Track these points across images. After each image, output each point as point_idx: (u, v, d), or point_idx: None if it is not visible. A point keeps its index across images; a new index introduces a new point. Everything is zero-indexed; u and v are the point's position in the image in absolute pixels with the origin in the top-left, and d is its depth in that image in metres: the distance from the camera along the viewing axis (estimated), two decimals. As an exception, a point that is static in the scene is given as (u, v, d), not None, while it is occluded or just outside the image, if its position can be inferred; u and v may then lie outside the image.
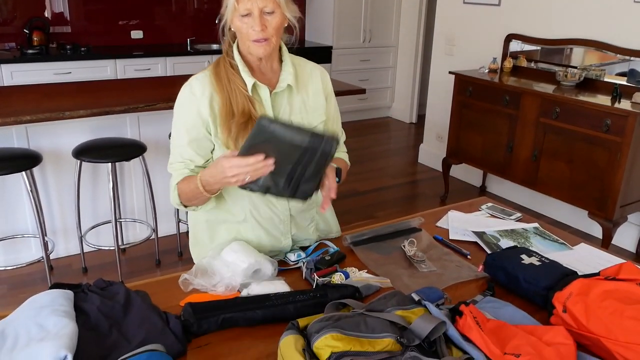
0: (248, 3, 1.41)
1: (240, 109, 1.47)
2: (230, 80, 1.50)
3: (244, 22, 1.44)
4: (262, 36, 1.43)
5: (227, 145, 1.49)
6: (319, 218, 1.74)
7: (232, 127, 1.47)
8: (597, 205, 3.29)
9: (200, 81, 1.52)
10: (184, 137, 1.53)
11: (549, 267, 1.42)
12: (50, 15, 5.04)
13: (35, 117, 2.70)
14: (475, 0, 4.49)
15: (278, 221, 1.63)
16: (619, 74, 3.63)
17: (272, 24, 1.44)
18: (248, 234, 1.62)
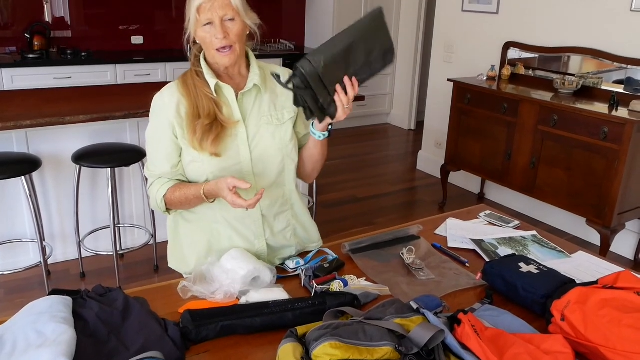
0: (208, 13, 1.46)
1: (206, 112, 1.53)
2: (196, 86, 1.55)
3: (206, 32, 1.49)
4: (226, 43, 1.48)
5: (193, 145, 1.54)
6: (297, 223, 1.73)
7: (197, 128, 1.52)
8: (595, 212, 3.30)
9: (169, 89, 1.60)
10: (155, 142, 1.61)
11: (547, 275, 1.43)
12: (51, 19, 5.05)
13: (35, 122, 2.70)
14: (474, 8, 4.52)
15: (250, 221, 1.63)
16: (616, 82, 3.65)
17: (233, 31, 1.49)
18: (220, 234, 1.65)
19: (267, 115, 1.61)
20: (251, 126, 1.59)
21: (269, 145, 1.60)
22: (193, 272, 1.44)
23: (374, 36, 1.42)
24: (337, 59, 1.37)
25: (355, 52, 1.39)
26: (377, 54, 1.44)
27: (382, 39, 1.44)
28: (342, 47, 1.37)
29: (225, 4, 1.47)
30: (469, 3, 4.55)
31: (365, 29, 1.41)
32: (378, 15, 1.42)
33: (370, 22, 1.41)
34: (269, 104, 1.62)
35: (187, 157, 1.58)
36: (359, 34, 1.39)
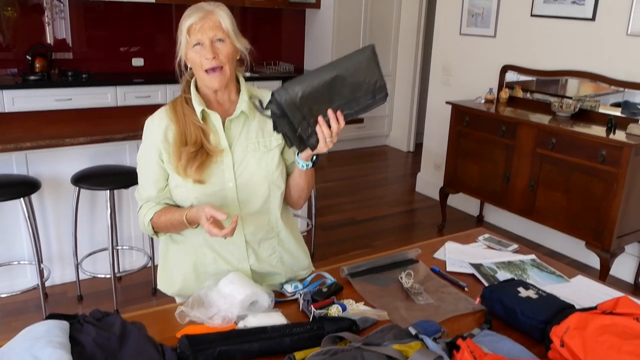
0: (198, 34, 1.49)
1: (193, 139, 1.55)
2: (185, 114, 1.57)
3: (196, 53, 1.51)
4: (215, 64, 1.50)
5: (177, 171, 1.56)
6: (283, 251, 1.72)
7: (182, 155, 1.54)
8: (594, 235, 3.30)
9: (159, 113, 1.62)
10: (144, 166, 1.64)
11: (546, 300, 1.43)
12: (52, 41, 5.10)
13: (35, 143, 2.71)
14: (471, 32, 4.57)
15: (233, 247, 1.64)
16: (614, 105, 3.68)
17: (223, 52, 1.51)
18: (206, 257, 1.65)
19: (254, 142, 1.61)
20: (237, 153, 1.59)
21: (254, 172, 1.60)
22: (191, 297, 1.43)
23: (362, 72, 1.40)
24: (318, 91, 1.36)
25: (339, 86, 1.38)
26: (366, 90, 1.41)
27: (372, 76, 1.41)
28: (324, 79, 1.36)
29: (216, 25, 1.50)
30: (467, 27, 4.60)
31: (353, 64, 1.39)
32: (369, 52, 1.40)
33: (360, 57, 1.39)
34: (257, 130, 1.62)
35: (172, 182, 1.61)
36: (346, 69, 1.38)
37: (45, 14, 5.03)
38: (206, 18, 1.49)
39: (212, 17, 1.50)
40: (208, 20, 1.49)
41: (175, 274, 1.72)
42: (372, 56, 1.40)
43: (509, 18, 4.26)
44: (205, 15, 1.50)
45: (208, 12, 1.51)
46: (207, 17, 1.50)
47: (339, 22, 6.13)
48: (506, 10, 4.28)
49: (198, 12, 1.51)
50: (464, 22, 4.62)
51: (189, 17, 1.51)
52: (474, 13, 4.51)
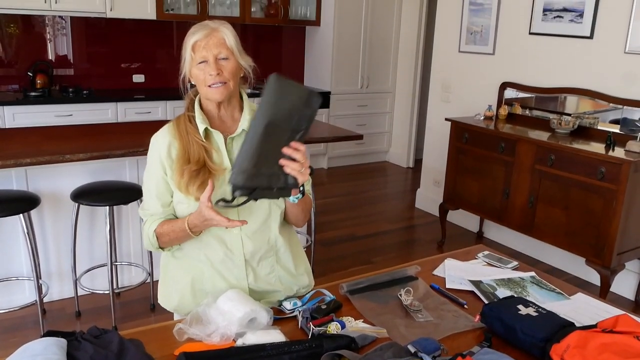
0: (203, 51, 1.51)
1: (196, 157, 1.56)
2: (188, 132, 1.58)
3: (200, 69, 1.53)
4: (219, 80, 1.52)
5: (180, 188, 1.57)
6: (280, 269, 1.71)
7: (185, 173, 1.55)
8: (594, 252, 3.29)
9: (163, 131, 1.64)
10: (150, 182, 1.64)
11: (546, 318, 1.42)
12: (54, 57, 5.14)
13: (35, 159, 2.72)
14: (470, 49, 4.60)
15: (232, 265, 1.63)
16: (612, 122, 3.69)
17: (227, 69, 1.53)
18: (203, 274, 1.65)
19: None
20: None
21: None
22: (189, 314, 1.43)
23: (284, 100, 1.38)
24: (262, 148, 1.36)
25: (277, 128, 1.37)
26: (300, 109, 1.39)
27: (294, 95, 1.39)
28: (259, 136, 1.35)
29: (220, 42, 1.52)
30: (466, 44, 4.64)
31: (271, 100, 1.37)
32: (273, 81, 1.37)
33: (271, 91, 1.38)
34: None
35: (175, 198, 1.62)
36: (269, 111, 1.36)
37: (47, 31, 5.07)
38: (211, 35, 1.52)
39: (217, 34, 1.52)
40: (213, 37, 1.51)
41: (172, 290, 1.72)
42: (278, 81, 1.38)
43: (507, 36, 4.30)
44: (210, 33, 1.52)
45: (213, 30, 1.53)
46: (212, 34, 1.52)
47: (338, 39, 6.18)
48: (505, 28, 4.31)
49: (203, 30, 1.53)
50: (463, 39, 4.65)
51: (193, 34, 1.53)
52: (473, 31, 4.55)
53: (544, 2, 3.98)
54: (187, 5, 5.44)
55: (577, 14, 3.77)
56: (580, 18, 3.75)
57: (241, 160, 1.37)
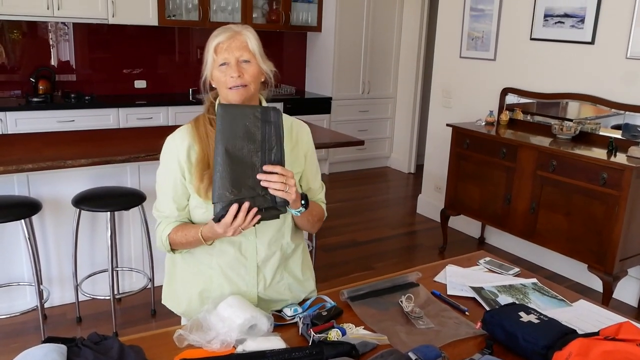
0: (225, 53, 1.51)
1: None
2: (208, 135, 1.57)
3: (222, 72, 1.53)
4: (240, 82, 1.51)
5: (199, 192, 1.56)
6: (290, 277, 1.72)
7: (205, 178, 1.54)
8: (596, 258, 3.28)
9: (181, 132, 1.62)
10: (166, 183, 1.62)
11: (548, 325, 1.41)
12: (56, 63, 5.15)
13: (37, 165, 2.72)
14: (471, 55, 4.61)
15: (244, 271, 1.63)
16: (614, 127, 3.69)
17: (248, 72, 1.52)
18: (212, 281, 1.64)
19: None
20: None
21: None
22: (189, 321, 1.42)
23: (236, 122, 1.39)
24: (232, 173, 1.37)
25: (239, 149, 1.38)
26: (257, 125, 1.41)
27: (246, 114, 1.41)
28: (221, 162, 1.37)
29: (243, 45, 1.52)
30: (467, 50, 4.64)
31: (224, 128, 1.39)
32: (221, 110, 1.40)
33: (221, 120, 1.39)
34: None
35: (192, 202, 1.61)
36: (224, 137, 1.38)
37: (50, 37, 5.09)
38: (233, 38, 1.52)
39: (240, 37, 1.52)
40: (235, 40, 1.51)
41: (181, 295, 1.72)
42: (224, 108, 1.41)
43: (508, 41, 4.30)
44: (233, 36, 1.52)
45: (236, 33, 1.53)
46: (235, 37, 1.52)
47: (340, 45, 6.19)
48: (506, 33, 4.32)
49: (226, 32, 1.53)
50: (464, 45, 4.66)
51: (216, 36, 1.54)
52: (474, 36, 4.56)
53: (545, 7, 3.98)
54: (188, 11, 5.45)
55: (578, 20, 3.78)
56: (582, 24, 3.76)
57: (217, 189, 1.37)
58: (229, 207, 1.37)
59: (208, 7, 5.45)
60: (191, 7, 5.45)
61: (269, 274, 1.66)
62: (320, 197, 1.77)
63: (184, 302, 1.71)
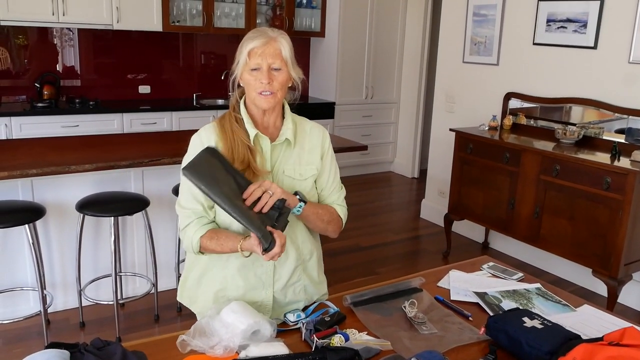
0: (259, 58, 1.54)
1: (241, 157, 1.58)
2: (234, 132, 1.60)
3: (252, 76, 1.56)
4: (269, 89, 1.55)
5: None
6: (306, 278, 1.74)
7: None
8: (600, 263, 3.27)
9: (207, 130, 1.65)
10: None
11: (552, 330, 1.41)
12: (61, 69, 5.18)
13: (41, 170, 2.73)
14: (474, 59, 4.61)
15: (261, 270, 1.65)
16: (617, 131, 3.68)
17: (278, 79, 1.56)
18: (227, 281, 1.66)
19: (290, 169, 1.65)
20: (275, 177, 1.64)
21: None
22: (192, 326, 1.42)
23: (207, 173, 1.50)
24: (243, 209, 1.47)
25: (222, 191, 1.47)
26: (213, 164, 1.51)
27: (202, 164, 1.51)
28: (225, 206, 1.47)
29: (276, 52, 1.55)
30: (470, 55, 4.64)
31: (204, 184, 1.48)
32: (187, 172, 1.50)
33: (196, 179, 1.48)
34: (295, 158, 1.67)
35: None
36: (208, 189, 1.48)
37: (55, 43, 5.12)
38: (268, 44, 1.54)
39: (274, 44, 1.55)
40: (270, 47, 1.54)
41: (198, 293, 1.73)
42: (188, 169, 1.51)
43: (511, 46, 4.31)
44: (268, 42, 1.54)
45: (271, 39, 1.55)
46: (270, 43, 1.54)
47: (343, 50, 6.21)
48: (508, 38, 4.32)
49: (261, 38, 1.55)
50: (467, 50, 4.66)
51: (251, 40, 1.55)
52: (477, 41, 4.56)
53: (548, 12, 3.98)
54: (193, 17, 5.48)
55: (581, 25, 3.78)
56: (584, 28, 3.76)
57: (248, 225, 1.46)
58: (269, 237, 1.44)
59: (212, 13, 5.47)
60: (195, 13, 5.47)
61: (286, 274, 1.68)
62: (334, 199, 1.78)
63: (200, 301, 1.72)
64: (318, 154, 1.71)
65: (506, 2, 4.31)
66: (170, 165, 3.04)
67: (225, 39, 5.92)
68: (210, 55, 5.92)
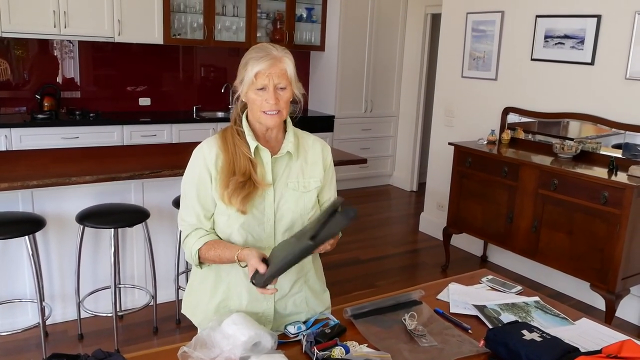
0: (265, 79, 1.56)
1: (242, 170, 1.59)
2: (235, 145, 1.62)
3: (258, 95, 1.58)
4: (276, 108, 1.58)
5: (222, 199, 1.60)
6: (308, 290, 1.75)
7: (231, 184, 1.58)
8: (598, 277, 3.28)
9: (209, 143, 1.67)
10: (193, 192, 1.65)
11: (551, 343, 1.42)
12: (61, 80, 5.20)
13: (41, 182, 2.74)
14: (473, 74, 4.65)
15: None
16: (615, 146, 3.71)
17: (283, 98, 1.59)
18: (231, 291, 1.67)
19: (294, 181, 1.67)
20: (278, 190, 1.65)
21: (292, 210, 1.65)
22: (193, 338, 1.43)
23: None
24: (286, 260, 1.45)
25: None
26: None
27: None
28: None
29: (282, 73, 1.57)
30: (469, 70, 4.69)
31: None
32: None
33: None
34: (298, 171, 1.68)
35: (217, 209, 1.64)
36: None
37: (55, 54, 5.15)
38: (275, 66, 1.56)
39: (280, 65, 1.57)
40: (276, 68, 1.56)
41: (200, 305, 1.73)
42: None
43: (509, 62, 4.35)
44: (274, 63, 1.56)
45: (277, 60, 1.57)
46: (276, 65, 1.56)
47: (343, 64, 6.25)
48: (507, 54, 4.36)
49: (267, 59, 1.56)
50: (466, 65, 4.71)
51: (257, 60, 1.56)
52: (476, 56, 4.60)
53: (546, 28, 4.03)
54: (193, 30, 5.52)
55: (578, 41, 3.82)
56: (582, 45, 3.80)
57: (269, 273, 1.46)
58: (261, 282, 1.45)
59: (213, 26, 5.52)
60: (196, 26, 5.52)
61: (287, 285, 1.69)
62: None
63: (200, 312, 1.73)
64: (320, 167, 1.73)
65: (505, 18, 4.36)
66: (171, 177, 3.05)
67: (225, 52, 5.96)
68: (211, 68, 5.96)
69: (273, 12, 6.03)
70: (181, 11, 5.43)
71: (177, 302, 3.35)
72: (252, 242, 1.62)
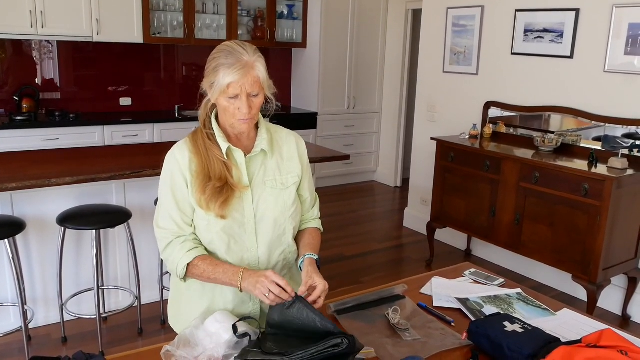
0: (238, 88, 1.51)
1: (217, 175, 1.57)
2: (207, 149, 1.59)
3: (231, 103, 1.54)
4: (249, 116, 1.55)
5: (200, 204, 1.57)
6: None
7: (207, 190, 1.56)
8: (580, 268, 3.32)
9: (180, 147, 1.64)
10: (171, 199, 1.61)
11: (532, 334, 1.43)
12: (40, 81, 5.13)
13: (21, 184, 2.70)
14: (454, 69, 4.67)
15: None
16: (595, 139, 3.75)
17: (256, 105, 1.56)
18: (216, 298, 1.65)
19: (271, 179, 1.65)
20: (256, 189, 1.63)
21: (271, 209, 1.64)
22: (177, 337, 1.42)
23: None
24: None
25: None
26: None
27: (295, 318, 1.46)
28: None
29: (254, 81, 1.52)
30: (450, 65, 4.71)
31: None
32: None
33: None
34: (275, 168, 1.67)
35: (196, 214, 1.61)
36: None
37: (34, 55, 5.08)
38: (247, 75, 1.50)
39: (252, 73, 1.51)
40: (248, 77, 1.50)
41: (186, 315, 1.70)
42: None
43: (490, 56, 4.38)
44: (247, 72, 1.50)
45: (249, 68, 1.51)
46: (248, 73, 1.50)
47: (325, 61, 6.25)
48: (487, 48, 4.39)
49: (239, 68, 1.49)
50: (447, 60, 4.73)
51: (229, 69, 1.50)
52: (457, 52, 4.63)
53: (525, 23, 4.06)
54: (174, 28, 5.48)
55: (557, 35, 3.86)
56: (561, 38, 3.84)
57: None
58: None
59: (193, 24, 5.48)
60: (176, 24, 5.48)
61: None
62: (315, 214, 1.83)
63: (186, 322, 1.68)
64: (297, 161, 1.72)
65: (485, 13, 4.38)
66: (152, 177, 3.02)
67: (206, 51, 5.81)
68: (192, 67, 5.92)
69: (254, 9, 6.01)
70: (160, 9, 5.38)
71: (162, 302, 3.32)
72: (234, 245, 1.61)
